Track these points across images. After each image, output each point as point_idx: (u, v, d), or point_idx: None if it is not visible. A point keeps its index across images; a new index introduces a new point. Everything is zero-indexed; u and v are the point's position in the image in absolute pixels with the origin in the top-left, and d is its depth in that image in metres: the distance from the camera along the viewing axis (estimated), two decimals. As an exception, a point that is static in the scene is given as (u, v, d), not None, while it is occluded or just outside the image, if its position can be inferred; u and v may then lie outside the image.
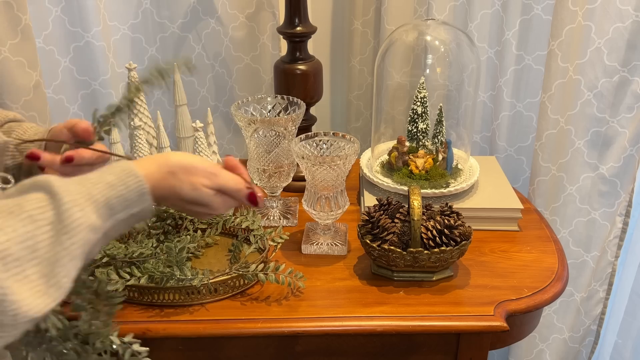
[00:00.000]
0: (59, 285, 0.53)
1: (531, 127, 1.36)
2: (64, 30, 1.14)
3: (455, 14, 1.29)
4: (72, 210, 0.54)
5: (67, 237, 0.54)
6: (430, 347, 0.90)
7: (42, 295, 0.52)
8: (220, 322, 0.87)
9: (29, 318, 0.51)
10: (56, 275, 0.53)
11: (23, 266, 0.51)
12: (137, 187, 0.60)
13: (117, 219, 0.59)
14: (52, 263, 0.53)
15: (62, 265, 0.53)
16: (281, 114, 1.10)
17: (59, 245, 0.53)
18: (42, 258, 0.52)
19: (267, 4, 1.32)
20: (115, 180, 0.59)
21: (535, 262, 1.00)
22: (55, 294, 0.53)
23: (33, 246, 0.52)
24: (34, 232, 0.52)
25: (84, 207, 0.56)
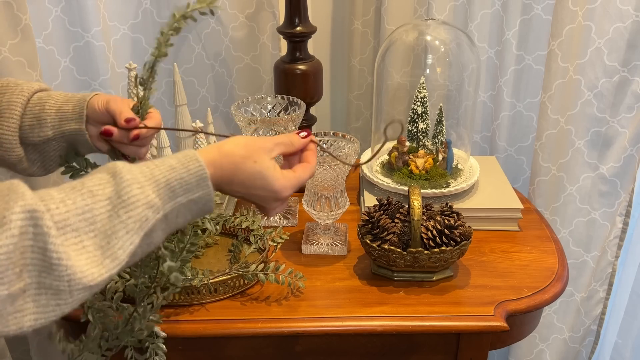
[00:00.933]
0: (114, 257, 0.55)
1: (531, 127, 1.36)
2: (64, 30, 1.14)
3: (455, 13, 1.29)
4: (131, 187, 0.57)
5: (124, 211, 0.56)
6: (430, 347, 0.90)
7: (97, 265, 0.54)
8: (220, 322, 0.87)
9: (83, 285, 0.53)
10: (112, 247, 0.55)
11: (81, 237, 0.53)
12: (197, 171, 0.62)
13: (178, 202, 0.60)
14: (108, 235, 0.55)
15: (119, 238, 0.55)
16: (281, 114, 1.10)
17: (116, 219, 0.56)
18: (99, 230, 0.55)
19: (267, 4, 1.32)
20: (177, 164, 0.61)
21: (535, 262, 1.00)
22: (110, 264, 0.55)
23: (91, 218, 0.54)
24: (92, 206, 0.55)
25: (143, 184, 0.58)
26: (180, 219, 0.63)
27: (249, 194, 0.69)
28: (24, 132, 0.75)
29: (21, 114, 0.74)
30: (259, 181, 0.68)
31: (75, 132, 0.76)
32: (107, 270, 0.55)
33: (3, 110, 0.74)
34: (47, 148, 0.77)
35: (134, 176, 0.58)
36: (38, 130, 0.75)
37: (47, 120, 0.75)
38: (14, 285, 0.49)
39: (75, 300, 0.53)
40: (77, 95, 0.77)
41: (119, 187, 0.57)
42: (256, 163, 0.67)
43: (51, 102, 0.76)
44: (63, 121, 0.76)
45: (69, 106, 0.76)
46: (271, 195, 0.69)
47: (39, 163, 0.79)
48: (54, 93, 0.78)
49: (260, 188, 0.68)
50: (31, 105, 0.75)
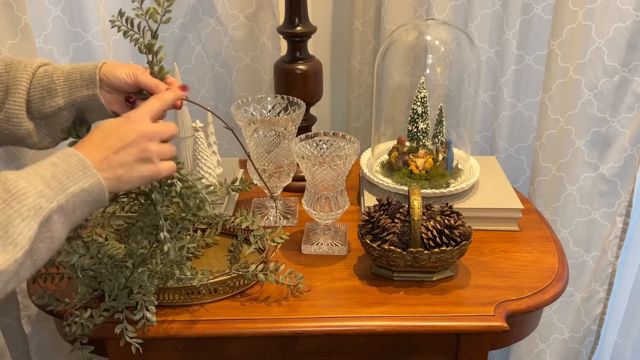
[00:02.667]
0: (15, 243, 0.59)
1: (531, 127, 1.35)
2: (63, 30, 1.14)
3: (455, 13, 1.29)
4: (18, 181, 0.61)
5: (17, 202, 0.60)
6: (430, 347, 0.90)
7: (1, 253, 0.58)
8: (220, 322, 0.87)
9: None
10: (11, 236, 0.59)
11: None
12: (78, 162, 0.66)
13: (70, 193, 0.64)
14: (4, 226, 0.58)
15: (15, 226, 0.59)
16: (281, 114, 1.10)
17: (9, 210, 0.59)
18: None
19: (267, 3, 1.32)
20: (58, 160, 0.65)
21: (536, 262, 1.00)
22: (13, 250, 0.59)
23: None
24: None
25: (29, 179, 0.62)
26: (78, 211, 0.66)
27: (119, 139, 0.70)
28: (35, 105, 0.77)
29: (27, 89, 0.77)
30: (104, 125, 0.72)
31: (87, 99, 0.78)
32: (12, 256, 0.58)
33: (10, 86, 0.77)
34: (58, 119, 0.80)
35: (19, 174, 0.62)
36: (49, 100, 0.78)
37: (57, 90, 0.78)
38: None
39: None
40: (83, 64, 0.80)
41: (6, 185, 0.60)
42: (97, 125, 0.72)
43: (58, 73, 0.78)
44: (73, 89, 0.78)
45: (76, 74, 0.78)
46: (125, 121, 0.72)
47: (49, 136, 0.81)
48: (59, 65, 0.81)
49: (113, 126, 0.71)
50: (38, 78, 0.78)
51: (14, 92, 0.76)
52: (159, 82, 0.79)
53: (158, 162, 0.73)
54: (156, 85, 0.79)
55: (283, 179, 1.10)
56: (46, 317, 1.22)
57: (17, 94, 0.76)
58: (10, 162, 1.09)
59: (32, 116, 0.78)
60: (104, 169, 0.68)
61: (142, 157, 0.71)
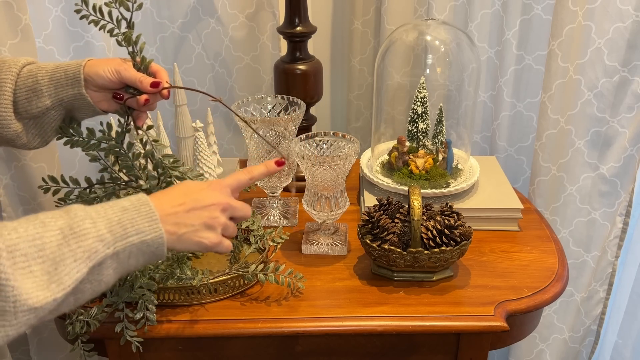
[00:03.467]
0: (60, 282, 0.57)
1: (531, 127, 1.36)
2: (64, 30, 1.14)
3: (455, 13, 1.29)
4: (84, 221, 0.60)
5: (75, 241, 0.59)
6: (430, 347, 0.90)
7: (43, 289, 0.56)
8: (220, 322, 0.87)
9: (28, 307, 0.55)
10: (59, 274, 0.57)
11: (29, 262, 0.55)
12: (148, 214, 0.65)
13: (129, 242, 0.63)
14: (57, 262, 0.57)
15: (66, 265, 0.58)
16: (281, 114, 1.10)
17: (65, 247, 0.58)
18: (48, 257, 0.57)
19: (267, 4, 1.32)
20: (129, 205, 0.64)
21: (536, 262, 1.00)
22: (55, 289, 0.57)
23: (41, 245, 0.57)
24: (43, 234, 0.57)
25: (95, 220, 0.61)
26: (132, 260, 0.65)
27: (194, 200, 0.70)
28: (22, 105, 0.77)
29: (13, 90, 0.76)
30: (187, 184, 0.72)
31: (74, 97, 0.78)
32: (52, 294, 0.57)
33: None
34: (47, 119, 0.79)
35: (88, 213, 0.61)
36: (36, 101, 0.77)
37: (43, 90, 0.77)
38: None
39: (20, 322, 0.55)
40: (67, 62, 0.80)
41: (72, 221, 0.60)
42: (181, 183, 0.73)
43: (42, 72, 0.77)
44: (58, 88, 0.77)
45: (60, 73, 0.78)
46: (208, 186, 0.72)
47: (38, 136, 0.81)
48: (43, 64, 0.80)
49: (195, 188, 0.72)
50: (23, 79, 0.77)
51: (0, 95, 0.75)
52: (143, 76, 0.78)
53: (220, 235, 0.73)
54: (140, 80, 0.78)
55: (283, 179, 1.10)
56: (46, 317, 1.22)
57: (3, 95, 0.75)
58: (11, 162, 1.09)
59: (20, 117, 0.78)
60: (169, 223, 0.67)
61: (209, 224, 0.71)
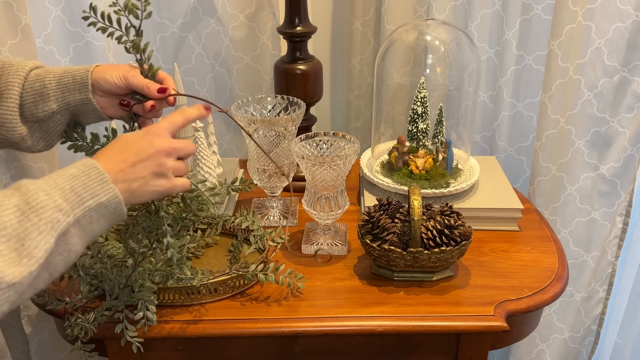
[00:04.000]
0: (30, 256, 0.59)
1: (531, 127, 1.36)
2: (64, 30, 1.14)
3: (455, 13, 1.29)
4: (37, 194, 0.61)
5: (35, 215, 0.60)
6: (430, 347, 0.90)
7: (16, 265, 0.58)
8: (220, 322, 0.87)
9: (6, 283, 0.57)
10: (27, 248, 0.59)
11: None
12: (98, 176, 0.65)
13: (87, 206, 0.64)
14: (21, 238, 0.59)
15: (32, 239, 0.59)
16: (281, 114, 1.10)
17: (27, 222, 0.59)
18: (11, 235, 0.58)
19: (267, 4, 1.32)
20: (78, 172, 0.65)
21: (535, 262, 1.00)
22: (28, 263, 0.59)
23: (1, 225, 0.58)
24: (0, 214, 0.58)
25: (49, 192, 0.62)
26: (95, 225, 0.66)
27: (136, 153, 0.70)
28: (28, 109, 0.77)
29: (20, 93, 0.77)
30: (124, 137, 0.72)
31: (81, 102, 0.78)
32: (27, 268, 0.59)
33: (2, 91, 0.76)
34: (52, 123, 0.80)
35: (39, 186, 0.62)
36: (42, 105, 0.78)
37: (50, 95, 0.77)
38: None
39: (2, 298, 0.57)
40: (75, 67, 0.80)
41: (26, 196, 0.60)
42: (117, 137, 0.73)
43: (50, 77, 0.78)
44: (66, 92, 0.78)
45: (68, 77, 0.78)
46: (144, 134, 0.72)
47: (43, 140, 0.81)
48: (50, 68, 0.80)
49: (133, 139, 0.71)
50: (30, 82, 0.77)
51: (7, 97, 0.76)
52: (151, 82, 0.79)
53: (173, 178, 0.73)
54: (147, 86, 0.78)
55: (283, 179, 1.10)
56: (46, 317, 1.22)
57: (10, 98, 0.76)
58: (11, 162, 1.09)
59: (25, 120, 0.78)
60: (119, 181, 0.68)
61: (158, 172, 0.71)
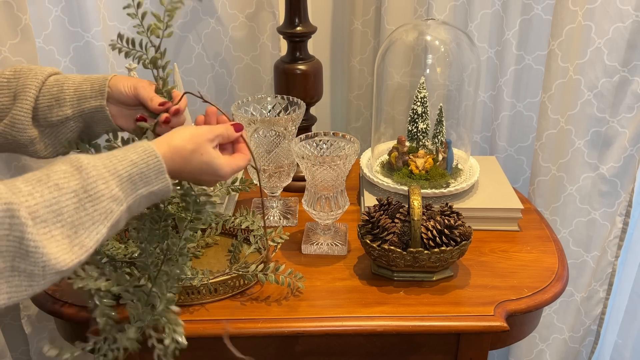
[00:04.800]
0: (81, 245, 0.60)
1: (531, 127, 1.36)
2: (64, 30, 1.14)
3: (455, 13, 1.29)
4: (97, 182, 0.62)
5: (91, 204, 0.61)
6: (430, 347, 0.90)
7: (67, 252, 0.59)
8: (220, 322, 0.87)
9: (56, 270, 0.58)
10: (79, 237, 0.60)
11: (49, 227, 0.58)
12: (156, 166, 0.67)
13: (139, 194, 0.66)
14: (75, 226, 0.60)
15: (85, 229, 0.61)
16: (281, 114, 1.10)
17: (82, 211, 0.60)
18: (66, 221, 0.59)
19: (267, 4, 1.32)
20: (138, 159, 0.66)
21: (535, 262, 1.00)
22: (78, 252, 0.60)
23: (58, 210, 0.59)
24: (59, 198, 0.59)
25: (107, 180, 0.63)
26: (141, 207, 0.69)
27: (196, 180, 0.76)
28: (43, 112, 0.78)
29: (35, 96, 0.77)
30: (205, 169, 0.74)
31: (95, 110, 0.79)
32: (77, 257, 0.60)
33: (18, 93, 0.77)
34: (64, 129, 0.80)
35: (99, 172, 0.62)
36: (57, 109, 0.78)
37: (66, 100, 0.78)
38: None
39: (46, 282, 0.59)
40: (94, 76, 0.81)
41: (85, 182, 0.61)
42: (203, 155, 0.73)
43: (69, 83, 0.79)
44: (82, 99, 0.79)
45: (87, 85, 0.79)
46: (215, 179, 0.77)
47: (51, 146, 0.82)
48: (70, 75, 0.82)
49: (207, 174, 0.75)
50: (48, 87, 0.78)
51: (22, 99, 0.77)
52: (155, 96, 0.79)
53: None
54: (151, 98, 0.79)
55: (283, 179, 1.10)
56: (46, 317, 1.22)
57: (25, 100, 0.77)
58: (11, 162, 1.09)
59: (38, 124, 0.79)
60: (174, 177, 0.71)
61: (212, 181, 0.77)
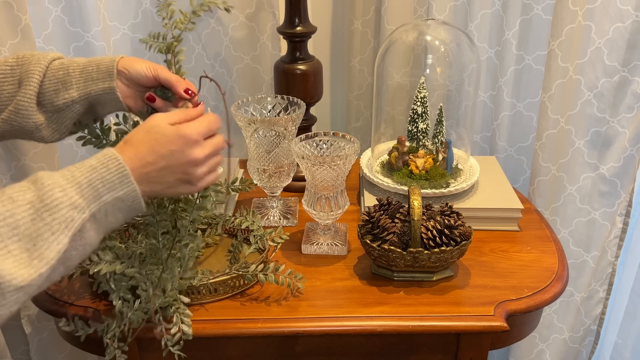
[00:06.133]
0: (41, 257, 0.57)
1: (531, 127, 1.36)
2: (64, 30, 1.14)
3: (455, 13, 1.29)
4: (53, 190, 0.58)
5: (48, 214, 0.58)
6: (430, 347, 0.90)
7: (26, 267, 0.56)
8: (220, 322, 0.87)
9: (14, 286, 0.55)
10: (39, 249, 0.57)
11: (5, 242, 0.55)
12: (117, 169, 0.63)
13: (103, 201, 0.62)
14: (33, 238, 0.57)
15: (44, 240, 0.57)
16: (281, 114, 1.10)
17: (40, 222, 0.57)
18: (23, 234, 0.56)
19: (267, 4, 1.32)
20: (97, 163, 0.63)
21: (535, 262, 1.00)
22: (38, 264, 0.57)
23: (13, 223, 0.56)
24: (13, 211, 0.56)
25: (65, 187, 0.60)
26: (111, 217, 0.64)
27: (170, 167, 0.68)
28: (49, 97, 0.77)
29: (39, 82, 0.77)
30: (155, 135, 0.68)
31: (103, 92, 0.78)
32: (36, 270, 0.57)
33: (22, 79, 0.77)
34: (69, 113, 0.79)
35: (55, 180, 0.60)
36: (63, 93, 0.77)
37: (72, 82, 0.77)
38: None
39: (9, 302, 0.55)
40: (100, 57, 0.80)
41: (41, 192, 0.58)
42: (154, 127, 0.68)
43: (74, 65, 0.78)
44: (88, 81, 0.78)
45: (92, 66, 0.78)
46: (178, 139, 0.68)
47: (57, 131, 0.81)
48: (75, 58, 0.81)
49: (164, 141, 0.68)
50: (53, 71, 0.77)
51: (26, 85, 0.76)
52: (179, 78, 0.79)
53: (198, 184, 0.72)
54: (177, 80, 0.78)
55: (283, 179, 1.10)
56: (46, 317, 1.22)
57: (29, 86, 0.76)
58: (11, 162, 1.09)
59: (44, 109, 0.78)
60: (142, 183, 0.66)
61: (185, 180, 0.70)
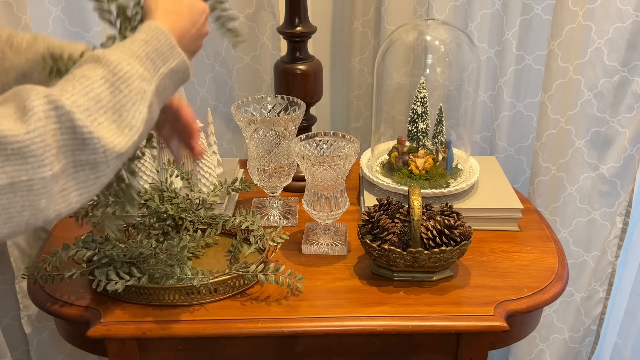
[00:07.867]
0: (130, 126, 0.60)
1: (531, 127, 1.36)
2: (64, 30, 1.14)
3: (455, 13, 1.29)
4: (120, 64, 0.60)
5: (125, 85, 0.60)
6: (430, 347, 0.90)
7: (119, 136, 0.59)
8: (220, 322, 0.87)
9: (117, 153, 0.58)
10: (125, 119, 0.59)
11: (94, 115, 0.57)
12: (166, 41, 0.65)
13: (161, 73, 0.64)
14: (117, 110, 0.59)
15: (127, 110, 0.60)
16: (281, 114, 1.10)
17: (119, 94, 0.59)
18: (107, 107, 0.58)
19: (267, 4, 1.32)
20: (148, 37, 0.64)
21: (535, 262, 1.00)
22: (129, 133, 0.60)
23: (95, 97, 0.58)
24: (91, 86, 0.58)
25: (130, 61, 0.62)
26: (168, 91, 0.67)
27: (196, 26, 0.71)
28: None
29: None
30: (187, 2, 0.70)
31: None
32: (130, 138, 0.60)
33: None
34: None
35: (118, 56, 0.61)
36: None
37: None
38: (55, 167, 0.53)
39: (110, 169, 0.58)
40: None
41: (110, 67, 0.60)
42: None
43: None
44: None
45: None
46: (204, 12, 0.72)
47: None
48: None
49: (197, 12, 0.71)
50: None
51: None
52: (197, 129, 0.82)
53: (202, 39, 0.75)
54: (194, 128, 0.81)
55: (283, 179, 1.10)
56: (46, 317, 1.22)
57: None
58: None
59: None
60: (182, 45, 0.68)
61: (201, 35, 0.73)
